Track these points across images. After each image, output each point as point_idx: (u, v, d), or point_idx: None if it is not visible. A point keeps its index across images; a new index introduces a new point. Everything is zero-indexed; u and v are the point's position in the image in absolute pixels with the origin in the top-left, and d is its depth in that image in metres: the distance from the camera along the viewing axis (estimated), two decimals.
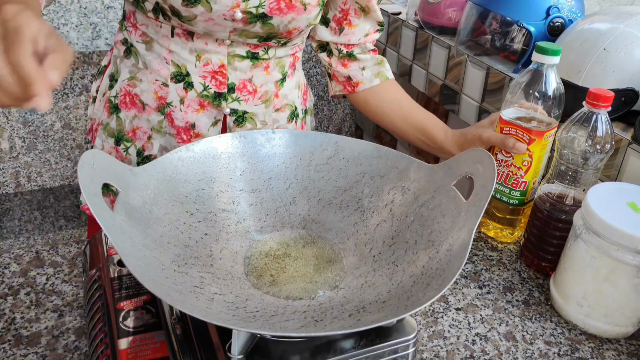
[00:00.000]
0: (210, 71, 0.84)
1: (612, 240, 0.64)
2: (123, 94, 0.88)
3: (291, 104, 0.95)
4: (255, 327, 0.51)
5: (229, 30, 0.80)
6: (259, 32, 0.81)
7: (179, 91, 0.85)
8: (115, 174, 0.57)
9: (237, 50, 0.84)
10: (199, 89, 0.85)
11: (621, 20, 0.86)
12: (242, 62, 0.85)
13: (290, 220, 0.69)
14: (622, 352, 0.67)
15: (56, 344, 0.63)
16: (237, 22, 0.78)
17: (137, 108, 0.88)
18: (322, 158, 0.72)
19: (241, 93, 0.87)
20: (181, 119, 0.86)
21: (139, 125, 0.88)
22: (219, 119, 0.88)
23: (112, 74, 0.90)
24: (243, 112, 0.88)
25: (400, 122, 0.96)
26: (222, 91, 0.85)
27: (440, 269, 0.54)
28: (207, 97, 0.85)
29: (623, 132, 0.82)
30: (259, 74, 0.87)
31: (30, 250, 0.78)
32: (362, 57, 0.96)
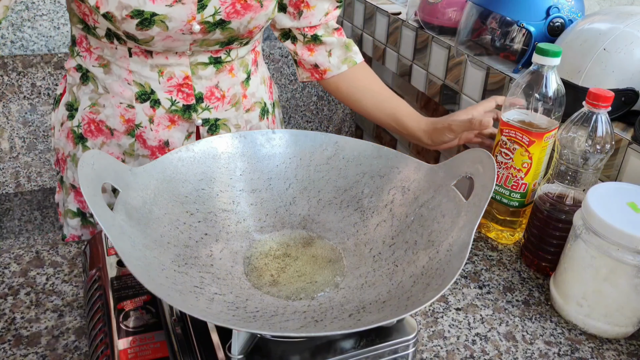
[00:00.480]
0: (175, 85, 0.82)
1: (612, 240, 0.64)
2: (86, 123, 0.85)
3: (260, 101, 0.94)
4: (255, 327, 0.51)
5: (189, 43, 0.78)
6: (220, 38, 0.79)
7: (146, 111, 0.83)
8: (115, 174, 0.57)
9: (199, 59, 0.82)
10: (167, 105, 0.83)
11: (621, 20, 0.86)
12: (206, 69, 0.83)
13: (290, 220, 0.69)
14: (622, 352, 0.67)
15: (56, 344, 0.63)
16: (196, 34, 0.76)
17: (105, 135, 0.85)
18: (322, 158, 0.72)
19: (210, 101, 0.85)
20: (153, 139, 0.84)
21: (109, 152, 0.86)
22: (191, 131, 0.86)
23: (69, 103, 0.87)
24: (215, 120, 0.87)
25: (373, 108, 0.96)
26: (190, 103, 0.83)
27: (440, 269, 0.54)
28: (176, 112, 0.83)
29: (623, 132, 0.82)
30: (224, 78, 0.85)
31: (30, 250, 0.78)
32: (328, 40, 0.93)
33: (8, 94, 1.50)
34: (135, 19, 0.72)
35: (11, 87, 1.50)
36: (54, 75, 1.53)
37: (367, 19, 1.55)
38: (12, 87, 1.50)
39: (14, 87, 1.50)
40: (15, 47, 1.61)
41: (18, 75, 1.49)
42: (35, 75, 1.51)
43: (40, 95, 1.53)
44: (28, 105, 1.53)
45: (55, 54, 1.53)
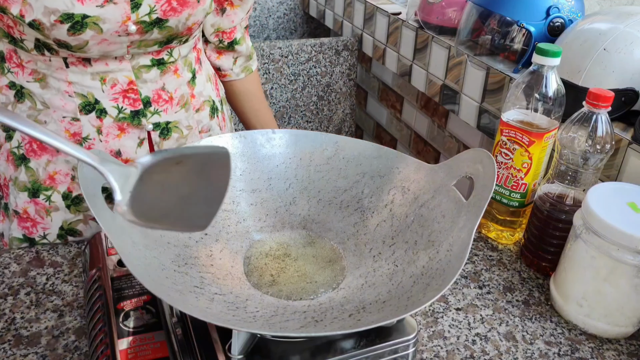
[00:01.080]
0: (120, 91, 0.78)
1: (612, 240, 0.64)
2: (27, 142, 0.80)
3: (208, 100, 0.92)
4: (255, 327, 0.51)
5: (126, 46, 0.74)
6: (158, 38, 0.76)
7: (92, 122, 0.78)
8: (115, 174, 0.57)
9: (141, 62, 0.78)
10: (114, 113, 0.79)
11: (621, 20, 0.86)
12: (150, 72, 0.79)
13: (290, 220, 0.69)
14: (622, 352, 0.67)
15: (56, 344, 0.63)
16: (133, 34, 0.73)
17: (49, 152, 0.80)
18: (322, 158, 0.72)
19: (158, 104, 0.81)
20: (104, 150, 0.80)
21: (57, 170, 0.81)
22: (143, 137, 0.82)
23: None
24: (166, 123, 0.83)
25: (251, 115, 1.05)
26: (138, 108, 0.80)
27: (440, 269, 0.54)
28: (124, 119, 0.79)
29: (623, 132, 0.82)
30: (170, 80, 0.82)
31: (30, 250, 0.78)
32: (240, 49, 0.98)
33: None
34: (65, 24, 0.68)
35: None
36: None
37: (367, 19, 1.55)
38: None
39: None
40: None
41: None
42: None
43: None
44: None
45: None
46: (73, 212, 0.83)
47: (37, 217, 0.83)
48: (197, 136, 0.90)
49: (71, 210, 0.83)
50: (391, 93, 1.60)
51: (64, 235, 0.84)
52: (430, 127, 1.44)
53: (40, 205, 0.82)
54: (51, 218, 0.83)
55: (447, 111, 1.35)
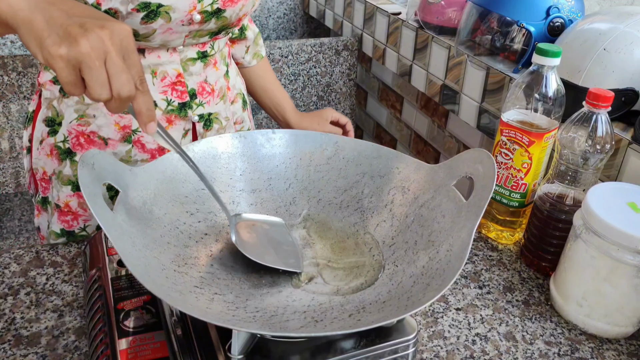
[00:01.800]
0: (169, 84, 0.81)
1: (612, 240, 0.64)
2: (74, 136, 0.82)
3: (240, 92, 0.97)
4: (255, 327, 0.51)
5: (184, 35, 0.77)
6: (213, 28, 0.79)
7: None
8: (115, 174, 0.57)
9: (188, 55, 0.81)
10: (163, 105, 0.81)
11: (621, 20, 0.86)
12: (195, 64, 0.83)
13: (290, 220, 0.69)
14: (622, 352, 0.67)
15: (56, 344, 0.63)
16: (193, 24, 0.76)
17: (97, 145, 0.82)
18: (322, 158, 0.72)
19: (202, 96, 0.85)
20: (152, 141, 0.83)
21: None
22: (188, 128, 0.85)
23: (49, 118, 0.83)
24: (208, 115, 0.87)
25: (262, 94, 1.09)
26: (185, 100, 0.83)
27: (440, 269, 0.54)
28: (172, 111, 0.82)
29: (623, 132, 0.82)
30: (211, 72, 0.86)
31: (30, 250, 0.78)
32: (249, 35, 1.01)
33: (8, 94, 1.50)
34: (141, 12, 0.70)
35: (11, 87, 1.50)
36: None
37: (367, 19, 1.55)
38: (12, 87, 1.50)
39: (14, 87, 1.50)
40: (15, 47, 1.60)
41: (18, 75, 1.49)
42: (35, 75, 1.51)
43: None
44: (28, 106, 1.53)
45: None
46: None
47: (79, 209, 0.85)
48: (233, 127, 0.95)
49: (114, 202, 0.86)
50: (391, 93, 1.60)
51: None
52: (430, 127, 1.44)
53: (83, 198, 0.84)
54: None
55: (447, 111, 1.35)
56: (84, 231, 0.87)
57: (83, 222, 0.86)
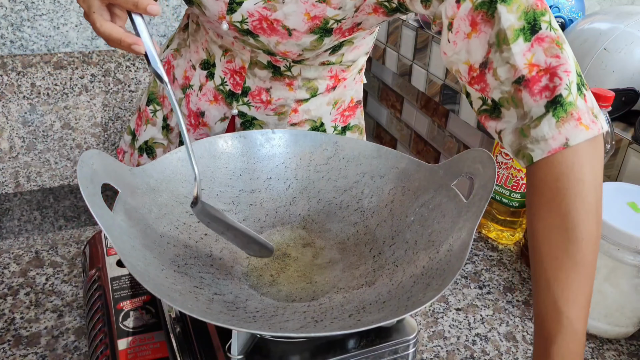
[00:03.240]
0: (231, 69, 0.84)
1: (613, 240, 0.63)
2: (165, 61, 0.93)
3: (314, 120, 0.88)
4: (255, 328, 0.51)
5: (232, 36, 0.78)
6: (257, 45, 0.76)
7: (201, 78, 0.87)
8: (114, 174, 0.57)
9: (259, 57, 0.81)
10: (217, 81, 0.86)
11: (621, 20, 0.86)
12: (263, 71, 0.82)
13: (290, 220, 0.69)
14: (623, 353, 0.67)
15: (56, 344, 0.63)
16: (232, 30, 0.75)
17: (169, 79, 0.91)
18: (322, 158, 0.71)
19: (253, 99, 0.85)
20: (194, 104, 0.88)
21: (166, 95, 0.90)
22: (228, 116, 0.88)
23: (170, 40, 0.96)
24: (252, 118, 0.87)
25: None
26: (236, 92, 0.85)
27: (440, 269, 0.54)
28: (221, 92, 0.86)
29: (623, 132, 0.82)
30: (279, 87, 0.83)
31: (30, 250, 0.78)
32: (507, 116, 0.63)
33: (7, 94, 1.50)
34: None
35: (11, 87, 1.50)
36: (54, 75, 1.53)
37: None
38: (12, 87, 1.50)
39: (13, 87, 1.50)
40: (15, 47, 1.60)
41: (17, 75, 1.49)
42: (34, 75, 1.51)
43: (39, 95, 1.53)
44: (27, 105, 1.53)
45: (54, 53, 1.53)
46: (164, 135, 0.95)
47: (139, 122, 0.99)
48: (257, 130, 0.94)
49: (162, 133, 0.95)
50: (391, 93, 1.60)
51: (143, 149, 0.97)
52: (430, 127, 1.44)
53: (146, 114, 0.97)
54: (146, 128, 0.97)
55: (447, 111, 1.35)
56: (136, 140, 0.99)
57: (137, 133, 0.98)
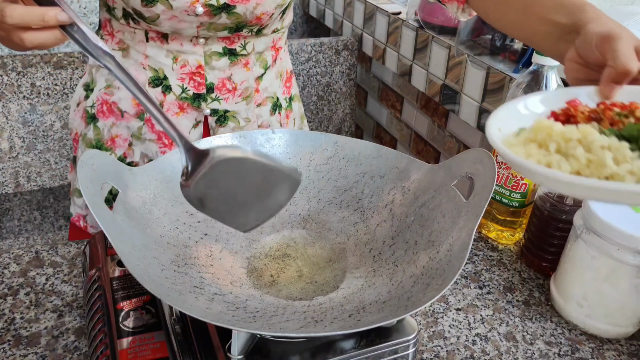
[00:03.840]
0: (188, 73, 0.83)
1: (613, 241, 0.63)
2: (100, 103, 0.87)
3: (272, 96, 0.93)
4: (255, 328, 0.51)
5: (195, 26, 0.78)
6: (227, 23, 0.78)
7: (157, 95, 0.84)
8: (115, 174, 0.57)
9: (213, 48, 0.82)
10: (177, 91, 0.84)
11: (621, 20, 0.86)
12: (220, 60, 0.83)
13: (290, 220, 0.69)
14: (623, 353, 0.67)
15: (56, 344, 0.63)
16: (201, 16, 0.76)
17: (115, 116, 0.87)
18: (322, 158, 0.71)
19: (220, 92, 0.85)
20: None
21: (118, 133, 0.87)
22: (199, 120, 0.86)
23: (87, 83, 0.90)
24: (224, 112, 0.87)
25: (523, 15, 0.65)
26: (200, 92, 0.84)
27: (440, 269, 0.54)
28: (186, 99, 0.84)
29: None
30: (238, 71, 0.85)
31: (30, 251, 0.78)
32: None
33: (7, 94, 1.50)
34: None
35: (10, 87, 1.50)
36: (54, 75, 1.53)
37: (367, 19, 1.55)
38: (12, 87, 1.50)
39: (13, 87, 1.50)
40: None
41: (17, 75, 1.49)
42: (34, 75, 1.51)
43: (39, 95, 1.53)
44: (27, 105, 1.53)
45: (54, 53, 1.53)
46: None
47: None
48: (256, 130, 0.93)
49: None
50: (391, 93, 1.60)
51: (110, 200, 0.88)
52: (430, 127, 1.44)
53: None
54: None
55: (447, 111, 1.34)
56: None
57: None
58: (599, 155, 0.42)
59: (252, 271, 0.61)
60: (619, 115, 0.47)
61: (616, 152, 0.42)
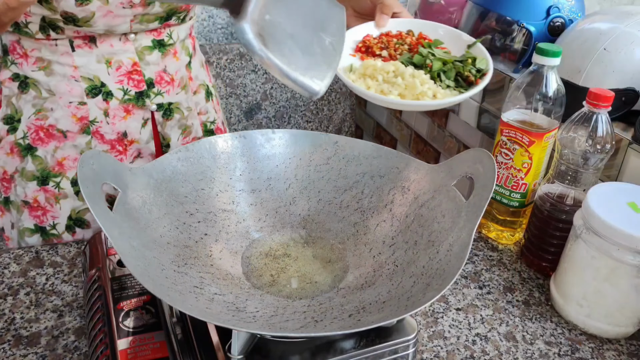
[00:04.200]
0: (124, 73, 0.81)
1: (613, 241, 0.63)
2: (34, 131, 0.81)
3: (203, 83, 0.96)
4: (255, 328, 0.51)
5: (129, 20, 0.76)
6: (159, 12, 0.78)
7: (99, 104, 0.81)
8: (115, 174, 0.57)
9: (143, 43, 0.81)
10: (120, 95, 0.81)
11: (621, 20, 0.86)
12: (152, 54, 0.82)
13: (290, 220, 0.69)
14: (623, 353, 0.67)
15: (56, 344, 0.63)
16: (136, 6, 0.75)
17: (57, 139, 0.82)
18: (322, 158, 0.71)
19: (161, 85, 0.85)
20: (111, 132, 0.83)
21: (65, 155, 0.83)
22: (147, 118, 0.85)
23: (8, 116, 0.82)
24: (168, 104, 0.87)
25: None
26: (142, 89, 0.83)
27: (440, 269, 0.54)
28: (130, 101, 0.82)
29: (623, 132, 0.82)
30: (170, 62, 0.86)
31: (30, 250, 0.78)
32: None
33: None
34: None
35: None
36: None
37: None
38: None
39: None
40: None
41: None
42: None
43: None
44: None
45: None
46: (81, 200, 0.85)
47: (47, 205, 0.84)
48: (197, 117, 0.94)
49: (79, 197, 0.85)
50: None
51: (72, 226, 0.86)
52: (430, 127, 1.44)
53: (49, 192, 0.84)
54: (60, 206, 0.84)
55: (447, 111, 1.34)
56: (54, 229, 0.85)
57: (52, 218, 0.85)
58: (410, 81, 0.65)
59: (252, 271, 0.61)
60: (397, 43, 0.72)
61: (419, 77, 0.65)
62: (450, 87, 0.66)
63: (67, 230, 0.86)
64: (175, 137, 0.90)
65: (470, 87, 0.66)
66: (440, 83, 0.67)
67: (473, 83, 0.66)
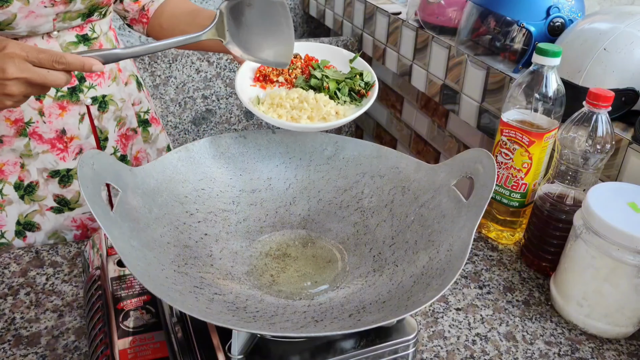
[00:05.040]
0: None
1: (613, 240, 0.64)
2: None
3: (132, 74, 0.96)
4: (255, 328, 0.51)
5: (52, 19, 0.76)
6: (81, 8, 0.78)
7: (32, 105, 0.79)
8: (115, 174, 0.57)
9: (67, 39, 0.80)
10: (52, 92, 0.80)
11: (621, 20, 0.86)
12: (77, 48, 0.82)
13: (290, 220, 0.69)
14: (622, 352, 0.67)
15: (56, 344, 0.63)
16: (57, 4, 0.74)
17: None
18: (322, 158, 0.71)
19: (92, 79, 0.85)
20: (49, 131, 0.81)
21: (3, 161, 0.81)
22: (83, 113, 0.84)
23: None
24: (102, 97, 0.86)
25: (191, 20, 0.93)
26: (74, 85, 0.82)
27: (440, 269, 0.54)
28: (64, 97, 0.81)
29: (623, 132, 0.82)
30: None
31: (30, 250, 0.78)
32: None
33: None
34: None
35: None
36: None
37: (367, 19, 1.55)
38: None
39: None
40: None
41: None
42: None
43: None
44: None
45: None
46: (27, 203, 0.84)
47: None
48: (131, 108, 0.94)
49: (25, 201, 0.84)
50: (391, 93, 1.60)
51: (22, 231, 0.85)
52: (430, 127, 1.44)
53: None
54: (6, 213, 0.83)
55: (447, 111, 1.34)
56: (3, 237, 0.84)
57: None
58: (314, 104, 0.71)
59: (252, 271, 0.61)
60: (290, 68, 0.77)
61: (321, 100, 0.71)
62: (347, 102, 0.73)
63: (17, 236, 0.85)
64: (112, 129, 0.90)
65: (362, 99, 0.73)
66: (339, 100, 0.73)
67: (365, 95, 0.74)
